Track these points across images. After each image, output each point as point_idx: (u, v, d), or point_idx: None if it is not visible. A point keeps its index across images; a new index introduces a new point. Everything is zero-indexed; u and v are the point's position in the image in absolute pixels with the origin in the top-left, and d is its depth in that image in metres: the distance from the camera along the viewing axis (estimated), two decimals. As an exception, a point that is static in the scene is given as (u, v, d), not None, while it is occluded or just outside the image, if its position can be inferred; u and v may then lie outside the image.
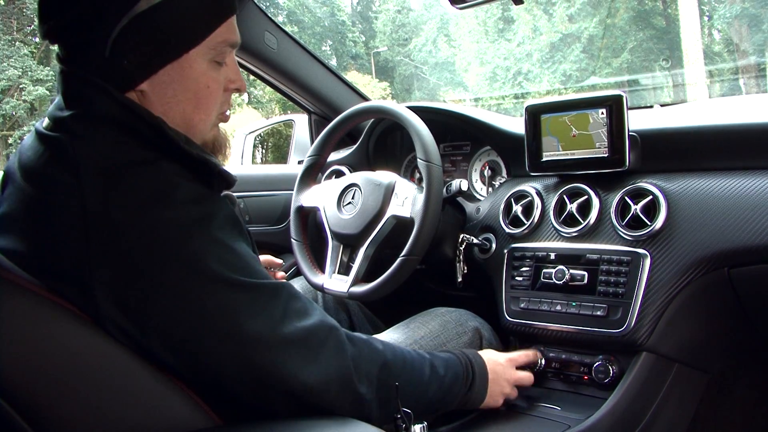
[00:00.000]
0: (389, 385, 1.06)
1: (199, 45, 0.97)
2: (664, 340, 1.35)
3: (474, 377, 1.28)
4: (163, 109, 0.96)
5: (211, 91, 1.01)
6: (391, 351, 1.11)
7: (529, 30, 20.69)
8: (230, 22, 1.01)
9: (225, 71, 1.03)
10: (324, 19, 27.66)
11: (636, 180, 1.45)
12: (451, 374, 1.23)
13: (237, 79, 1.06)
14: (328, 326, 1.00)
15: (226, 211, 0.94)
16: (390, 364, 1.08)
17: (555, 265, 1.47)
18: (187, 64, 0.96)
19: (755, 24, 15.82)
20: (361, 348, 1.05)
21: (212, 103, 1.02)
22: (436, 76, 25.36)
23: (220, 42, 0.99)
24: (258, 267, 0.96)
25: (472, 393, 1.28)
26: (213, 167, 0.99)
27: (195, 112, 1.00)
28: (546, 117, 1.55)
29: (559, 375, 1.48)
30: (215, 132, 1.07)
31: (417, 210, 1.48)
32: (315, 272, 1.66)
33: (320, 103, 2.30)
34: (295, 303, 0.98)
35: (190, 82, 0.97)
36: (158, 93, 0.96)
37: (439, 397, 1.20)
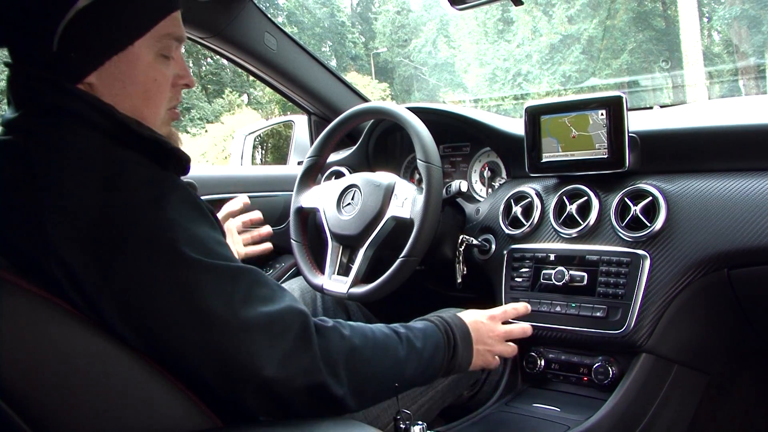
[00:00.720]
0: (360, 373, 1.03)
1: (144, 36, 0.98)
2: (664, 341, 1.35)
3: (456, 341, 1.24)
4: (112, 102, 0.97)
5: (158, 84, 1.01)
6: (360, 335, 1.06)
7: (528, 31, 20.70)
8: (175, 17, 1.02)
9: (173, 66, 1.04)
10: (324, 20, 27.67)
11: (636, 181, 1.45)
12: (430, 344, 1.18)
13: (185, 75, 1.07)
14: (296, 312, 0.97)
15: (181, 192, 0.94)
16: (358, 350, 1.04)
17: (555, 266, 1.47)
18: (134, 56, 0.98)
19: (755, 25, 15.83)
20: (328, 337, 1.00)
21: (161, 96, 1.03)
22: (436, 77, 25.37)
23: (165, 35, 1.00)
24: (221, 250, 0.94)
25: (457, 358, 1.24)
26: (164, 145, 0.99)
27: (144, 106, 1.00)
28: (546, 118, 1.55)
29: (558, 376, 1.48)
30: (167, 130, 1.07)
31: (417, 211, 1.48)
32: (314, 273, 1.66)
33: (320, 104, 2.30)
34: (261, 288, 0.95)
35: (137, 74, 0.98)
36: (107, 86, 0.97)
37: (420, 372, 1.16)
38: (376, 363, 1.07)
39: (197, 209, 0.95)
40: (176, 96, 1.08)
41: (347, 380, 1.00)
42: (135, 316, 0.87)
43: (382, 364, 1.08)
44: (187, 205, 0.94)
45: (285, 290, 1.00)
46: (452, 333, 1.25)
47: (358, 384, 1.02)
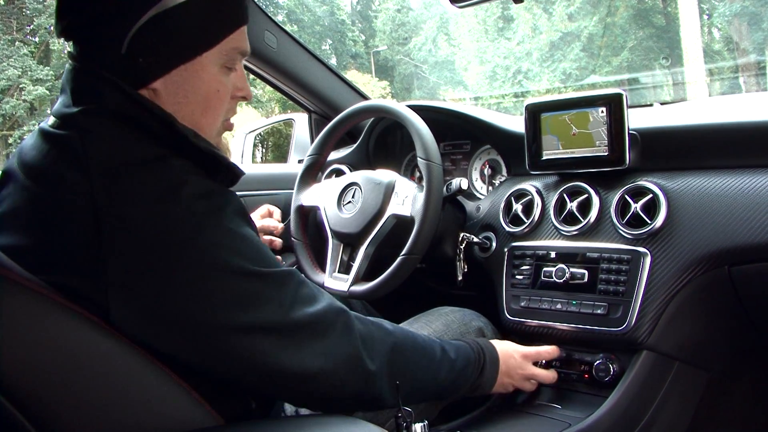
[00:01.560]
0: (400, 365, 1.09)
1: (213, 49, 0.99)
2: (665, 339, 1.35)
3: (485, 363, 1.30)
4: (173, 109, 0.97)
5: (220, 95, 1.03)
6: (401, 332, 1.14)
7: (528, 29, 20.67)
8: (242, 31, 1.04)
9: (233, 78, 1.05)
10: (324, 18, 27.65)
11: (636, 178, 1.45)
12: (462, 358, 1.25)
13: (244, 87, 1.08)
14: (336, 310, 1.03)
15: (234, 203, 0.96)
16: (400, 344, 1.11)
17: (555, 264, 1.47)
18: (200, 67, 0.98)
19: (755, 22, 15.82)
20: (370, 327, 1.08)
21: (220, 107, 1.04)
22: (436, 74, 25.35)
23: (232, 48, 1.01)
24: (268, 254, 0.98)
25: (483, 378, 1.30)
26: (221, 160, 1.00)
27: (203, 116, 1.01)
28: (546, 116, 1.55)
29: (559, 373, 1.48)
30: (218, 140, 1.09)
31: (417, 209, 1.48)
32: (315, 271, 1.66)
33: (320, 102, 2.30)
34: (304, 289, 1.00)
35: (201, 84, 0.99)
36: (170, 93, 0.97)
37: (451, 380, 1.22)
38: (415, 360, 1.14)
39: (246, 218, 0.98)
40: (233, 108, 1.09)
41: (386, 369, 1.06)
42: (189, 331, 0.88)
43: (420, 362, 1.15)
44: (241, 216, 0.96)
45: (321, 289, 1.06)
46: (483, 355, 1.31)
47: (395, 376, 1.07)
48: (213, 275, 0.88)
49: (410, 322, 1.51)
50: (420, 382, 1.15)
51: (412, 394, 1.14)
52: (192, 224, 0.88)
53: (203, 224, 0.89)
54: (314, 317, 0.98)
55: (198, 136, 0.99)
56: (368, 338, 1.05)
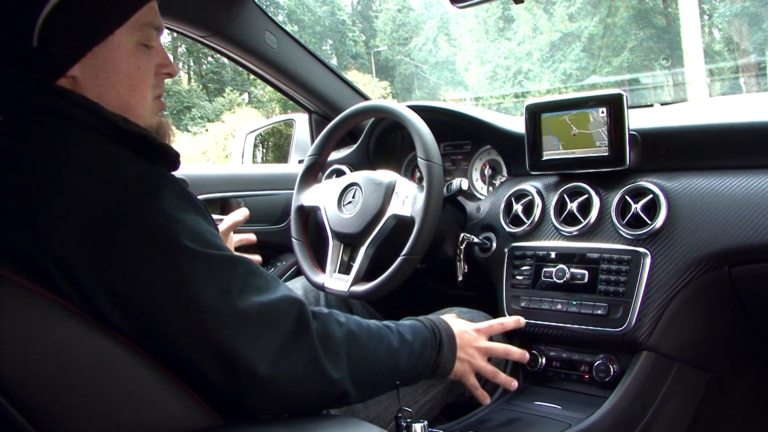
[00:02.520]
0: (359, 359, 1.03)
1: (124, 25, 0.98)
2: (665, 339, 1.35)
3: (441, 339, 1.25)
4: (97, 93, 0.97)
5: (142, 71, 1.02)
6: (355, 323, 1.07)
7: (529, 29, 20.68)
8: (152, 6, 1.03)
9: (154, 56, 1.05)
10: (324, 19, 27.67)
11: (636, 179, 1.45)
12: (419, 339, 1.19)
13: (167, 63, 1.07)
14: (291, 300, 0.96)
15: (173, 185, 0.94)
16: (355, 335, 1.05)
17: (555, 264, 1.47)
18: (115, 45, 0.98)
19: (755, 23, 15.81)
20: (325, 322, 1.01)
21: (145, 85, 1.04)
22: (437, 75, 25.35)
23: (144, 24, 1.01)
24: (215, 240, 0.94)
25: (442, 356, 1.24)
26: (152, 141, 0.99)
27: (130, 95, 1.01)
28: (546, 116, 1.55)
29: (559, 374, 1.48)
30: (157, 120, 1.08)
31: (417, 209, 1.48)
32: (316, 271, 1.66)
33: (321, 103, 2.30)
34: (256, 279, 0.95)
35: (120, 63, 0.99)
36: (90, 77, 0.97)
37: (412, 364, 1.16)
38: (372, 350, 1.07)
39: (190, 202, 0.95)
40: (160, 85, 1.08)
41: (347, 365, 1.00)
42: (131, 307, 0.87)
43: (378, 351, 1.09)
44: (180, 197, 0.93)
45: (279, 281, 1.00)
46: (438, 332, 1.25)
47: (357, 371, 1.02)
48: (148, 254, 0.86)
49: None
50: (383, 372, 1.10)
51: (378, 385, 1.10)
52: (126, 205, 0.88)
53: (138, 204, 0.88)
54: (264, 307, 0.92)
55: (127, 121, 0.98)
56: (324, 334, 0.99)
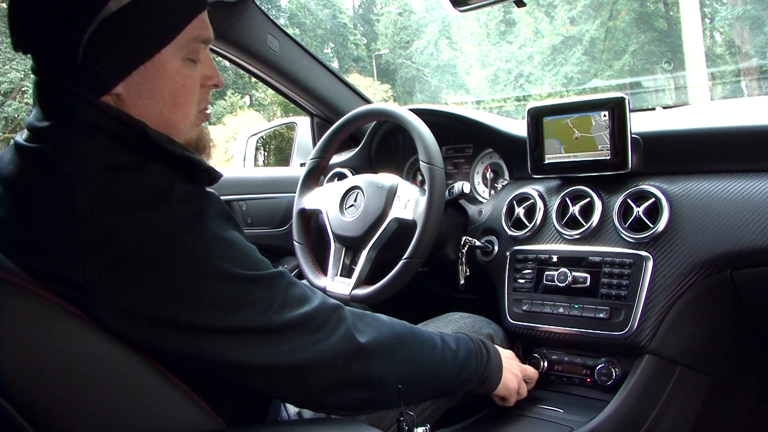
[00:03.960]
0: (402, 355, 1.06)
1: (171, 43, 0.96)
2: (667, 343, 1.35)
3: (489, 354, 1.28)
4: (140, 111, 0.95)
5: (187, 89, 1.00)
6: (399, 324, 1.11)
7: (530, 32, 20.69)
8: (201, 18, 1.00)
9: (200, 68, 1.02)
10: (326, 22, 27.68)
11: (638, 182, 1.45)
12: (464, 349, 1.21)
13: (214, 75, 1.05)
14: (330, 307, 1.00)
15: (216, 206, 0.94)
16: (400, 335, 1.08)
17: (557, 268, 1.47)
18: (161, 64, 0.95)
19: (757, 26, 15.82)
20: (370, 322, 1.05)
21: (190, 101, 1.01)
22: (438, 78, 25.36)
23: (192, 39, 0.98)
24: (256, 255, 0.96)
25: (489, 371, 1.27)
26: (198, 164, 0.98)
27: (173, 112, 0.99)
28: (548, 119, 1.55)
29: (561, 377, 1.48)
30: (198, 131, 1.06)
31: (419, 212, 1.48)
32: (317, 275, 1.66)
33: (322, 106, 2.30)
34: (294, 290, 0.97)
35: (165, 81, 0.96)
36: (134, 95, 0.95)
37: (456, 372, 1.18)
38: (417, 348, 1.10)
39: (230, 219, 0.96)
40: (205, 98, 1.06)
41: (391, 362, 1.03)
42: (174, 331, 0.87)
43: (423, 350, 1.11)
44: (224, 218, 0.94)
45: (314, 289, 1.03)
46: (485, 346, 1.29)
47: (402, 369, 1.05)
48: (196, 279, 0.87)
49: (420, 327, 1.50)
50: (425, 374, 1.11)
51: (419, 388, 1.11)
52: (174, 229, 0.87)
53: (185, 228, 0.88)
54: (306, 317, 0.95)
55: (172, 141, 0.97)
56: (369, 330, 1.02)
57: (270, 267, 0.97)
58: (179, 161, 0.96)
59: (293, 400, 1.01)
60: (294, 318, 0.94)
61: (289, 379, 0.94)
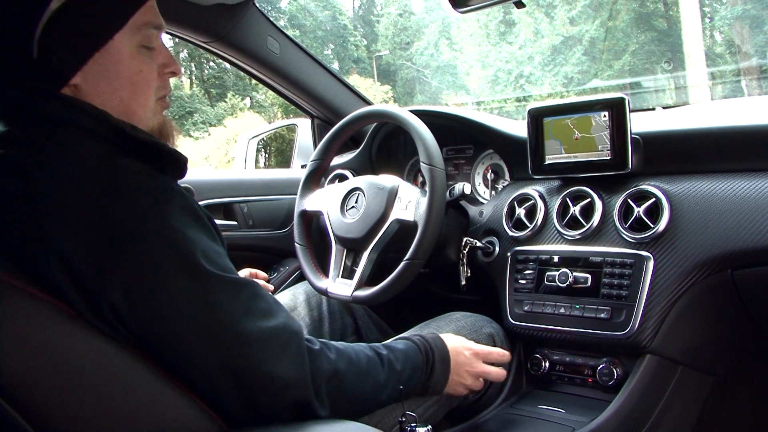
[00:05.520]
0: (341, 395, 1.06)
1: (123, 29, 0.97)
2: (668, 343, 1.35)
3: (434, 364, 1.27)
4: (100, 100, 0.97)
5: (144, 75, 1.01)
6: (345, 360, 1.10)
7: (530, 33, 20.68)
8: (151, 5, 1.01)
9: (156, 56, 1.04)
10: (326, 23, 27.68)
11: (639, 182, 1.45)
12: (409, 367, 1.22)
13: (170, 63, 1.06)
14: (291, 330, 1.00)
15: (181, 201, 0.94)
16: (342, 374, 1.07)
17: (558, 268, 1.47)
18: (115, 51, 0.97)
19: (757, 25, 15.80)
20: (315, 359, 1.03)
21: (148, 87, 1.03)
22: (438, 79, 25.35)
23: (143, 24, 1.00)
24: (220, 260, 0.96)
25: (432, 380, 1.27)
26: (162, 148, 0.99)
27: (133, 99, 1.00)
28: (548, 120, 1.55)
29: (563, 378, 1.48)
30: (160, 119, 1.07)
31: (420, 214, 1.48)
32: (319, 276, 1.66)
33: (323, 108, 2.31)
34: (259, 302, 0.97)
35: (121, 68, 0.98)
36: (92, 85, 0.96)
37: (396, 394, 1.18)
38: (357, 387, 1.10)
39: (196, 217, 0.96)
40: (164, 85, 1.08)
41: (328, 401, 1.03)
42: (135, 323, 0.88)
43: (363, 387, 1.12)
44: (187, 213, 0.94)
45: (280, 304, 1.03)
46: (432, 355, 1.28)
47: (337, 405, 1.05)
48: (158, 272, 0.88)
49: (421, 327, 1.50)
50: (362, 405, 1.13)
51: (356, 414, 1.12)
52: (134, 221, 0.88)
53: (146, 221, 0.89)
54: (268, 333, 0.96)
55: (135, 128, 0.98)
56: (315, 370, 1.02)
57: (234, 272, 0.97)
58: (143, 147, 0.97)
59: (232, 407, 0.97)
60: (255, 331, 0.94)
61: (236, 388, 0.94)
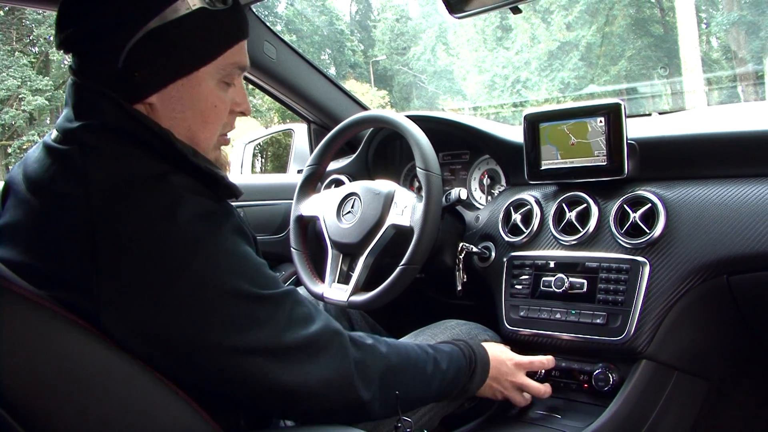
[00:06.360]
0: (392, 387, 1.09)
1: (211, 64, 0.98)
2: (664, 348, 1.35)
3: (475, 370, 1.31)
4: (169, 124, 0.97)
5: (218, 110, 1.02)
6: (396, 353, 1.13)
7: (527, 38, 20.72)
8: (242, 46, 1.03)
9: (232, 93, 1.04)
10: (322, 28, 27.71)
11: (635, 188, 1.45)
12: (454, 367, 1.25)
13: (243, 102, 1.07)
14: (331, 331, 1.02)
15: (232, 222, 0.95)
16: (394, 368, 1.11)
17: (554, 273, 1.47)
18: (197, 82, 0.98)
19: (753, 31, 15.85)
20: (365, 352, 1.07)
21: (217, 122, 1.03)
22: (435, 84, 25.38)
23: (230, 63, 1.01)
24: (267, 272, 0.98)
25: (471, 384, 1.31)
26: (220, 180, 1.00)
27: (200, 130, 1.01)
28: (545, 126, 1.55)
29: (559, 383, 1.48)
30: (216, 154, 1.08)
31: (416, 219, 1.48)
32: (315, 281, 1.66)
33: (319, 113, 2.30)
34: (300, 309, 0.99)
35: (198, 99, 0.99)
36: (166, 107, 0.97)
37: (440, 391, 1.23)
38: (408, 379, 1.14)
39: (244, 236, 0.98)
40: (231, 123, 1.09)
41: (379, 393, 1.06)
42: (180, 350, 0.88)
43: (413, 380, 1.15)
44: (239, 234, 0.96)
45: (319, 308, 1.05)
46: (474, 360, 1.31)
47: (388, 397, 1.08)
48: (209, 297, 0.88)
49: (416, 334, 1.50)
50: (411, 398, 1.16)
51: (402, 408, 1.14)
52: (189, 245, 0.88)
53: (200, 245, 0.89)
54: (308, 339, 0.97)
55: (197, 153, 0.99)
56: (362, 362, 1.05)
57: (280, 284, 0.99)
58: (202, 175, 0.97)
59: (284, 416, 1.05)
60: (298, 339, 0.96)
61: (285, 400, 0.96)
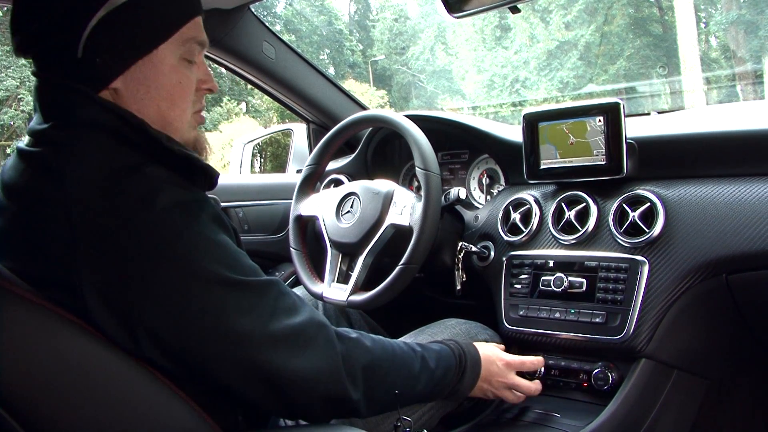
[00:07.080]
0: (376, 382, 1.08)
1: (169, 40, 0.99)
2: (663, 347, 1.35)
3: (465, 369, 1.29)
4: (138, 107, 0.97)
5: (183, 87, 1.02)
6: (380, 348, 1.13)
7: (526, 38, 20.72)
8: (197, 21, 1.03)
9: (196, 71, 1.05)
10: (321, 28, 27.71)
11: (634, 187, 1.45)
12: (442, 366, 1.24)
13: (208, 80, 1.08)
14: (317, 323, 1.02)
15: (209, 210, 0.95)
16: (378, 362, 1.10)
17: (554, 273, 1.47)
18: (158, 60, 0.98)
19: (752, 30, 15.85)
20: (350, 345, 1.06)
21: (186, 99, 1.04)
22: (434, 84, 25.37)
23: (188, 39, 1.01)
24: (247, 261, 0.97)
25: (461, 384, 1.29)
26: (195, 162, 1.00)
27: (170, 109, 1.01)
28: (544, 125, 1.55)
29: (558, 382, 1.48)
30: (195, 134, 1.08)
31: (416, 218, 1.48)
32: (314, 281, 1.66)
33: (318, 112, 2.30)
34: (285, 300, 0.99)
35: (162, 77, 0.99)
36: (132, 90, 0.97)
37: (428, 390, 1.21)
38: (392, 375, 1.12)
39: (223, 225, 0.97)
40: (200, 100, 1.09)
41: (363, 387, 1.05)
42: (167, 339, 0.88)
43: (398, 376, 1.14)
44: (217, 223, 0.96)
45: (304, 301, 1.04)
46: (464, 360, 1.29)
47: (372, 392, 1.07)
48: (189, 284, 0.88)
49: (415, 333, 1.50)
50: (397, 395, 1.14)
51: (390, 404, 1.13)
52: (167, 233, 0.88)
53: (178, 233, 0.89)
54: (295, 329, 0.97)
55: (171, 140, 0.99)
56: (347, 356, 1.04)
57: (261, 273, 0.98)
58: (177, 160, 0.97)
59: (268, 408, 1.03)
60: (284, 328, 0.96)
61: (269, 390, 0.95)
